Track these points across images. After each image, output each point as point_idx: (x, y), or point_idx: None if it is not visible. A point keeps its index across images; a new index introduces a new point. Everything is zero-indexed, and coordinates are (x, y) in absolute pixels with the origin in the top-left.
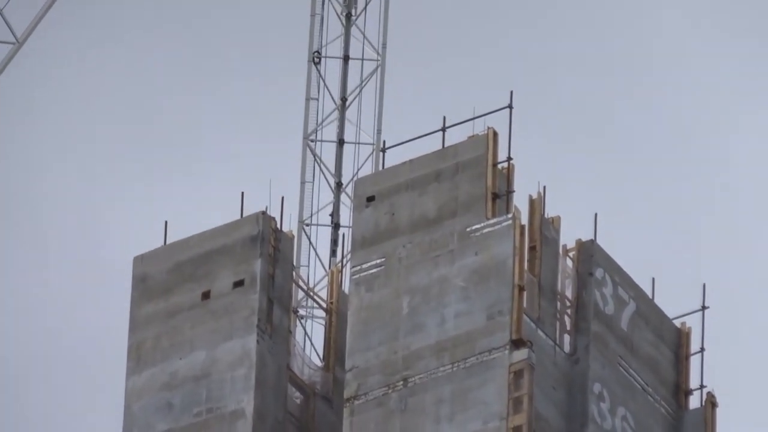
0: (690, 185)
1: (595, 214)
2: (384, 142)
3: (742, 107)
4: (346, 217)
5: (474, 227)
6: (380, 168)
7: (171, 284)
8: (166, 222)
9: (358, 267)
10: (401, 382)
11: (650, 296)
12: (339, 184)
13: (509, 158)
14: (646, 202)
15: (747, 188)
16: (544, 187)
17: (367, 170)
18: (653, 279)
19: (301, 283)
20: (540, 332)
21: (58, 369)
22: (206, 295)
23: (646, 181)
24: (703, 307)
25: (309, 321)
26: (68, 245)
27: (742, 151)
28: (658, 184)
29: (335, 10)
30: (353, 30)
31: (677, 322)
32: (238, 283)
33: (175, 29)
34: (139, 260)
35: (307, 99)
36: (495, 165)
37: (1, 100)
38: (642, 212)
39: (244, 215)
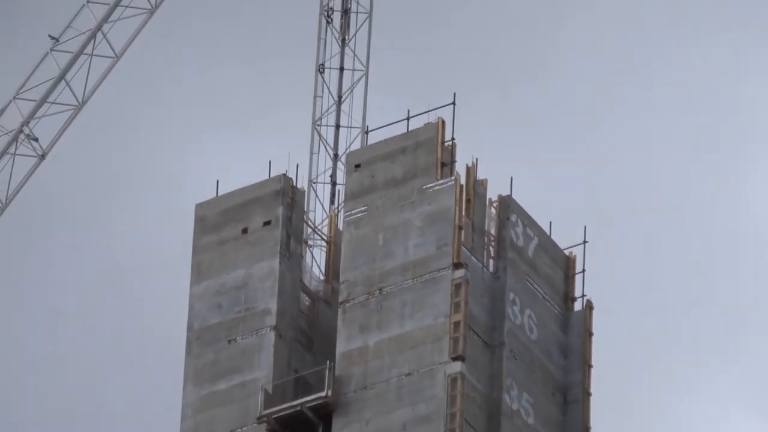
0: (582, 160)
1: (511, 178)
2: (367, 126)
3: (626, 65)
4: (341, 178)
5: (428, 186)
6: (365, 144)
7: (220, 223)
8: (217, 180)
9: (349, 212)
10: (378, 291)
11: (548, 233)
12: (336, 156)
13: (452, 139)
14: (548, 167)
15: (628, 163)
16: (477, 159)
17: (356, 146)
18: (550, 222)
19: (309, 223)
20: (473, 258)
21: (140, 282)
22: (245, 231)
23: (550, 150)
24: (585, 242)
25: (315, 249)
26: (151, 194)
27: (628, 109)
28: (560, 152)
29: (334, 36)
30: (346, 50)
31: (567, 252)
32: (267, 223)
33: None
34: (200, 206)
35: (315, 97)
36: (443, 143)
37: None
38: (544, 175)
39: (271, 176)
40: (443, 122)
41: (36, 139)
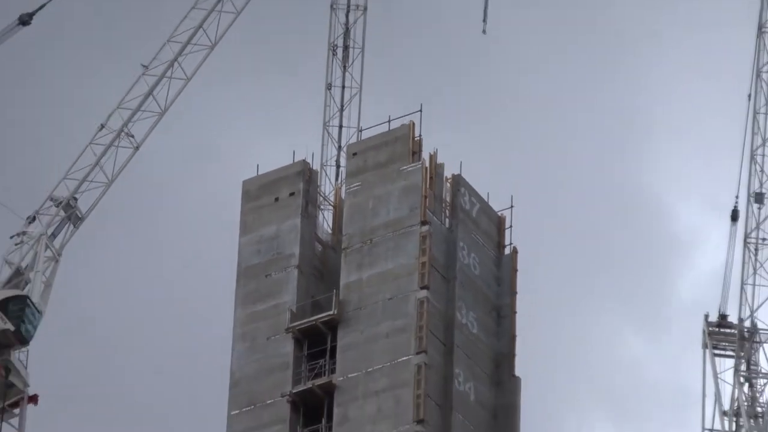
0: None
1: (461, 162)
2: (361, 127)
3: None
4: (343, 162)
5: (403, 168)
6: (359, 139)
7: (260, 194)
8: (257, 164)
9: (349, 186)
10: (369, 241)
11: (487, 201)
12: (339, 147)
13: (420, 135)
14: (487, 155)
15: (550, 129)
16: (436, 149)
17: (353, 140)
18: (488, 193)
19: (321, 194)
20: (434, 218)
21: (207, 235)
22: (276, 199)
23: (489, 143)
24: (512, 206)
25: (325, 212)
26: (214, 174)
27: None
28: (496, 144)
29: (338, 64)
30: (346, 74)
31: (499, 213)
32: (292, 194)
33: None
34: (245, 182)
35: (325, 106)
36: (413, 138)
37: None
38: (485, 161)
39: (294, 161)
40: (414, 124)
41: (132, 136)
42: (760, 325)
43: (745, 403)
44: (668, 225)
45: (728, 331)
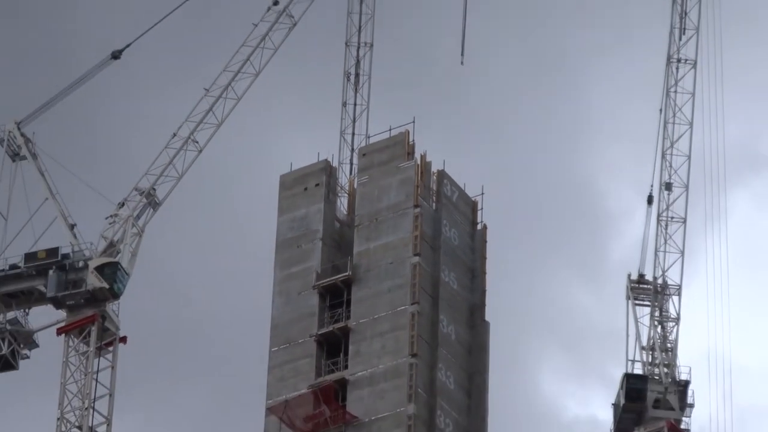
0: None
1: (444, 161)
2: (369, 134)
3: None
4: (356, 161)
5: (401, 165)
6: (368, 143)
7: (293, 185)
8: (291, 162)
9: (359, 179)
10: (375, 220)
11: (464, 189)
12: (353, 149)
13: (413, 141)
14: (465, 156)
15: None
16: (426, 152)
17: (363, 144)
18: (464, 183)
19: (339, 185)
20: (425, 202)
21: (253, 215)
22: (305, 189)
23: (466, 146)
24: (482, 194)
25: (342, 198)
26: (258, 170)
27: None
28: (471, 147)
29: (351, 87)
30: (357, 95)
31: (473, 199)
32: (317, 184)
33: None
34: (282, 176)
35: (341, 119)
36: (408, 143)
37: None
38: (463, 160)
39: (318, 160)
40: (408, 132)
41: (197, 142)
42: (669, 282)
43: (659, 341)
44: (604, 204)
45: (646, 286)
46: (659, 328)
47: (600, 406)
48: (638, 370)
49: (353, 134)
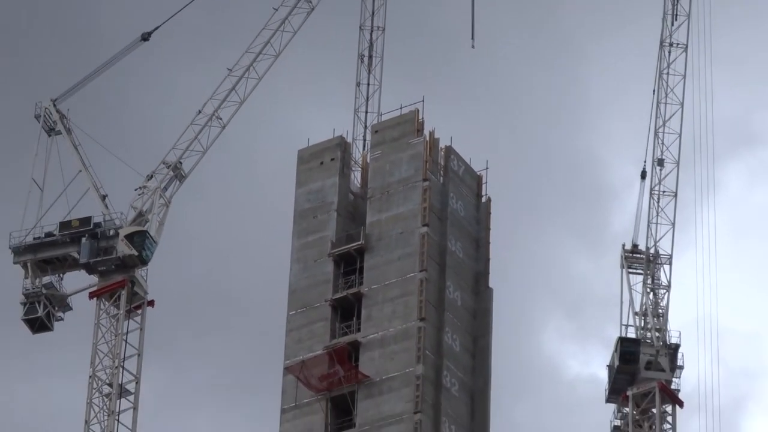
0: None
1: (451, 137)
2: (381, 112)
3: None
4: (369, 137)
5: (411, 141)
6: (380, 121)
7: (310, 159)
8: (308, 138)
9: (372, 154)
10: (386, 192)
11: (469, 164)
12: (366, 126)
13: (422, 119)
14: (471, 131)
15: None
16: (434, 129)
17: (375, 122)
18: (470, 158)
19: (353, 159)
20: (432, 176)
21: (275, 186)
22: (321, 163)
23: (471, 123)
24: (486, 168)
25: (356, 171)
26: (278, 145)
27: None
28: (476, 123)
29: (365, 68)
30: (370, 76)
31: (478, 173)
32: (333, 159)
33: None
34: (300, 151)
35: (355, 98)
36: (417, 120)
37: None
38: (469, 135)
39: (334, 136)
40: (418, 110)
41: (221, 118)
42: (661, 252)
43: (651, 306)
44: (604, 178)
45: (639, 256)
46: (651, 295)
47: (599, 366)
48: (631, 334)
49: (366, 112)
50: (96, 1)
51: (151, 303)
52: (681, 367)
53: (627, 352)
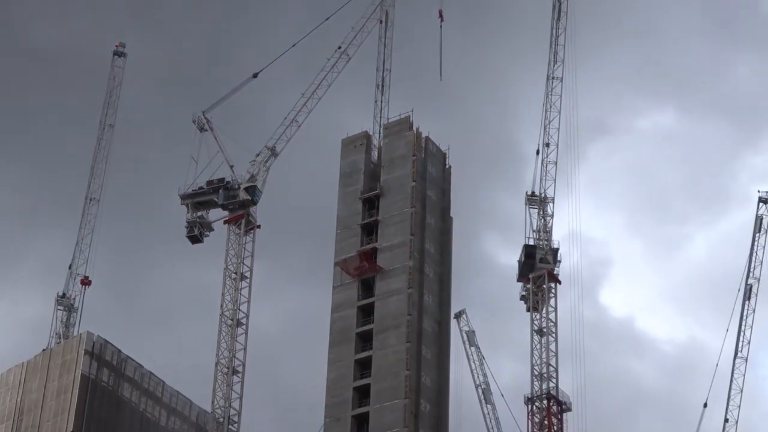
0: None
1: (429, 131)
2: (389, 118)
3: None
4: (382, 134)
5: (406, 134)
6: (388, 122)
7: (349, 143)
8: (347, 132)
9: (384, 141)
10: (392, 163)
11: (440, 148)
12: (380, 126)
13: (412, 121)
14: (441, 128)
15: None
16: (419, 126)
17: (386, 123)
18: (440, 143)
19: (372, 144)
20: (419, 154)
21: (324, 166)
22: (354, 146)
23: (442, 121)
24: (448, 148)
25: (374, 152)
26: (326, 135)
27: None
28: (445, 121)
29: (379, 92)
30: (383, 98)
31: (444, 151)
32: (361, 144)
33: None
34: (343, 139)
35: (374, 108)
36: (410, 122)
37: None
38: (441, 131)
39: (362, 131)
40: (410, 116)
41: (297, 121)
42: (547, 196)
43: (542, 226)
44: (518, 152)
45: (535, 197)
46: (542, 221)
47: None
48: (531, 242)
49: (380, 117)
50: (227, 45)
51: (258, 226)
52: (560, 261)
53: (529, 253)
